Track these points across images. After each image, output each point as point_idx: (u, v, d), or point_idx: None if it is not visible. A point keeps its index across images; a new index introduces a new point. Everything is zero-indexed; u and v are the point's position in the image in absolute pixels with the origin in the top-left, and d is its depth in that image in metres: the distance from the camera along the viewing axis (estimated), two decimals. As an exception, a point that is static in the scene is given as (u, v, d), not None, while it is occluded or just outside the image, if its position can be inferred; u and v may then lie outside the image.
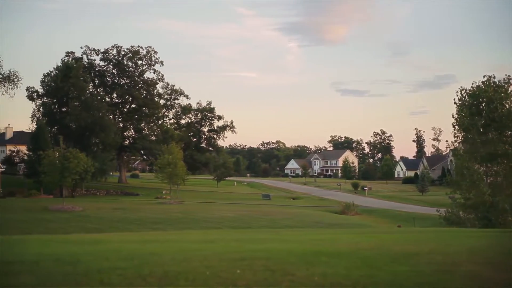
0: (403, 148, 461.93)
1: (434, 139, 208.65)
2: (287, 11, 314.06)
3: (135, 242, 14.73)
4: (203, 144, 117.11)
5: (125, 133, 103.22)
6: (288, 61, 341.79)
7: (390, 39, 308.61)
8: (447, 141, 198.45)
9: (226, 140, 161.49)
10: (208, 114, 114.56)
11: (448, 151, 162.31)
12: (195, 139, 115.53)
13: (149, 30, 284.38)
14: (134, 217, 45.16)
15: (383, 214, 62.82)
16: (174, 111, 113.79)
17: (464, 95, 36.95)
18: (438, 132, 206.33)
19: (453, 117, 37.35)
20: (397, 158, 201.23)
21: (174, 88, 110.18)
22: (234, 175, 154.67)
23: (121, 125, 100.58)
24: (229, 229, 38.10)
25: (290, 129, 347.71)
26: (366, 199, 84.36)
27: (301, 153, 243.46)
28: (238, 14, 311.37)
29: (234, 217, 48.07)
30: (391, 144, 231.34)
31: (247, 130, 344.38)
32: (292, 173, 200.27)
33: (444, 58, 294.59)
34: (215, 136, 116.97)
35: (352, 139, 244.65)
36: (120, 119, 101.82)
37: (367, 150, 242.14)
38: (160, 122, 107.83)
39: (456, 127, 37.37)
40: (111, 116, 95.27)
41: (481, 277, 7.49)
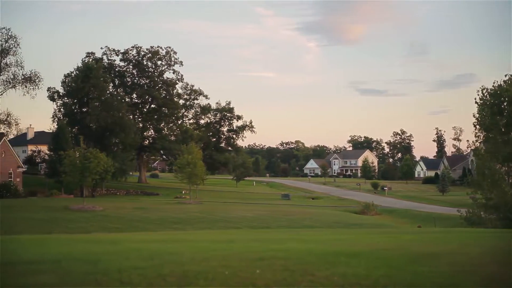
0: (423, 148, 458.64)
1: (455, 139, 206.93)
2: (306, 11, 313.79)
3: (155, 242, 14.79)
4: (222, 144, 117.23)
5: (145, 133, 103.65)
6: (307, 61, 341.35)
7: (409, 38, 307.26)
8: (468, 141, 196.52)
9: (245, 140, 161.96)
10: (227, 114, 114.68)
11: (469, 151, 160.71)
12: (214, 139, 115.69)
13: (169, 31, 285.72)
14: (154, 217, 45.35)
15: (403, 214, 62.49)
16: (194, 111, 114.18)
17: (485, 94, 36.71)
18: (459, 132, 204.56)
19: (474, 117, 37.14)
20: (417, 158, 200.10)
21: (194, 88, 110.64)
22: (253, 175, 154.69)
23: (141, 125, 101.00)
24: (248, 229, 38.14)
25: (309, 129, 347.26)
26: (386, 199, 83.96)
27: (321, 153, 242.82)
28: (257, 14, 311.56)
29: (253, 217, 48.09)
30: (411, 144, 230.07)
31: (266, 130, 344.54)
32: (312, 173, 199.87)
33: (464, 57, 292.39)
34: (234, 136, 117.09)
35: (372, 139, 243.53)
36: (140, 119, 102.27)
37: (387, 150, 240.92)
38: (180, 122, 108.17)
39: (477, 127, 37.14)
40: (131, 116, 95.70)
41: (503, 278, 7.42)
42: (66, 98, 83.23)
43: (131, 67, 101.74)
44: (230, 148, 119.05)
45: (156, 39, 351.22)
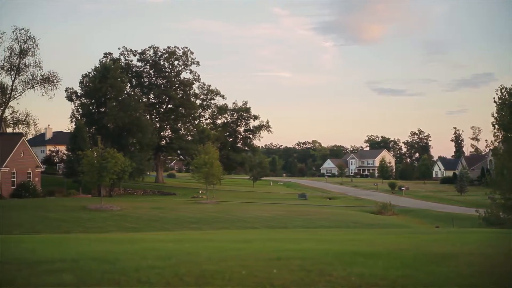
0: (441, 148, 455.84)
1: (473, 139, 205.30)
2: (322, 10, 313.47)
3: (172, 242, 14.85)
4: (239, 144, 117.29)
5: (162, 133, 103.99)
6: (324, 61, 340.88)
7: (427, 38, 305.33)
8: (487, 141, 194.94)
9: (262, 140, 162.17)
10: (244, 114, 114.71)
11: (488, 151, 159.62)
12: (231, 139, 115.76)
13: (185, 31, 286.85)
14: (171, 217, 45.47)
15: (421, 215, 62.13)
16: (210, 111, 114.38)
17: (504, 94, 36.36)
18: (477, 132, 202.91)
19: (493, 116, 36.77)
20: (435, 158, 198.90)
21: (210, 88, 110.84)
22: (270, 175, 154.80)
23: (158, 125, 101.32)
24: (265, 229, 38.13)
25: (326, 129, 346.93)
26: (403, 199, 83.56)
27: (337, 153, 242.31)
28: (273, 14, 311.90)
29: (270, 217, 48.05)
30: (429, 144, 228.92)
31: (283, 130, 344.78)
32: (328, 173, 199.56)
33: (482, 56, 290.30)
34: (251, 136, 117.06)
35: (389, 139, 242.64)
36: (157, 119, 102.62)
37: (404, 150, 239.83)
38: (197, 122, 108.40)
39: (496, 126, 36.77)
40: (148, 116, 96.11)
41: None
42: (84, 99, 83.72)
43: (148, 67, 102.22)
44: (247, 148, 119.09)
45: (173, 39, 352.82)
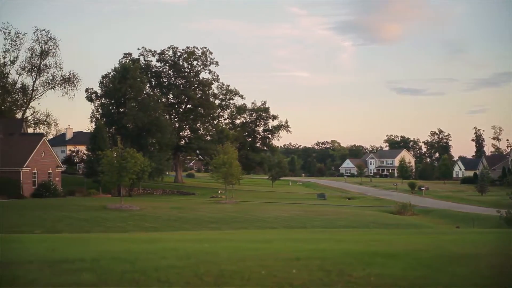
0: (462, 148, 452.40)
1: (494, 138, 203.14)
2: (340, 10, 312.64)
3: (192, 241, 14.90)
4: (258, 144, 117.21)
5: (181, 133, 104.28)
6: (342, 60, 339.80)
7: (447, 37, 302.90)
8: (508, 140, 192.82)
9: (281, 140, 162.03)
10: (263, 114, 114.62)
11: (509, 150, 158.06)
12: (250, 139, 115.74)
13: (204, 31, 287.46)
14: (190, 217, 45.56)
15: (441, 215, 61.65)
16: (229, 111, 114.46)
17: (526, 93, 35.99)
18: (498, 131, 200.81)
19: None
20: (456, 158, 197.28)
21: (229, 88, 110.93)
22: (289, 175, 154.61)
23: (177, 125, 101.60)
24: (284, 229, 38.09)
25: (345, 129, 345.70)
26: (423, 199, 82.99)
27: (357, 153, 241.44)
28: (292, 14, 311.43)
29: (289, 217, 47.99)
30: (449, 144, 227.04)
31: (302, 130, 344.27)
32: (348, 173, 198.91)
33: (503, 55, 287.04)
34: (270, 136, 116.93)
35: (409, 139, 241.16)
36: (176, 119, 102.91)
37: (424, 150, 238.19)
38: (215, 122, 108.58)
39: (517, 126, 36.42)
40: (167, 117, 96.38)
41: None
42: (104, 99, 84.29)
43: (168, 68, 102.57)
44: (266, 148, 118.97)
45: (192, 40, 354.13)
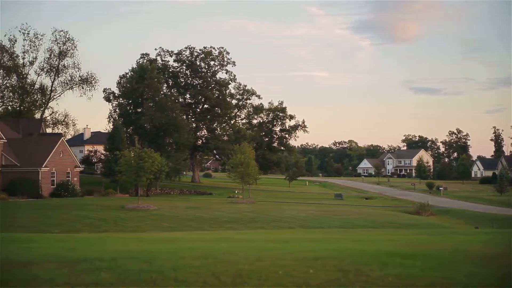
0: (480, 147, 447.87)
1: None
2: (358, 10, 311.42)
3: (209, 241, 14.94)
4: (275, 144, 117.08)
5: (198, 133, 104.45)
6: (360, 60, 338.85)
7: (464, 36, 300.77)
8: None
9: (298, 140, 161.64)
10: (280, 114, 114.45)
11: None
12: (267, 139, 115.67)
13: (222, 31, 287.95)
14: (207, 216, 45.65)
15: (459, 215, 61.23)
16: (246, 111, 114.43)
17: (545, 92, 35.66)
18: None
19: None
20: (474, 158, 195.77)
21: (246, 88, 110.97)
22: (306, 175, 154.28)
23: (194, 125, 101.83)
24: (301, 229, 38.05)
25: (363, 128, 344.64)
26: (441, 199, 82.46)
27: (374, 153, 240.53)
28: (309, 14, 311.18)
29: (306, 217, 47.92)
30: (468, 143, 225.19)
31: (319, 130, 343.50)
32: (365, 173, 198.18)
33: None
34: (287, 136, 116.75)
35: (427, 138, 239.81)
36: (193, 119, 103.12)
37: (442, 150, 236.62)
38: (232, 122, 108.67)
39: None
40: (184, 117, 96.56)
41: None
42: (121, 99, 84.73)
43: (185, 68, 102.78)
44: (283, 148, 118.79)
45: (209, 40, 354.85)
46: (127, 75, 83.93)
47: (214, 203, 61.61)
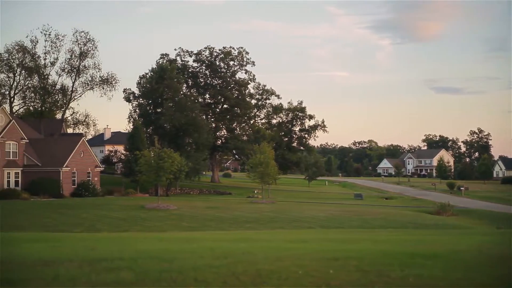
0: (502, 147, 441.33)
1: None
2: (378, 9, 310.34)
3: (228, 241, 14.95)
4: (295, 144, 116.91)
5: (218, 133, 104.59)
6: (380, 59, 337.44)
7: (486, 35, 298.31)
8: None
9: (318, 140, 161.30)
10: (299, 114, 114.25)
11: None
12: (286, 139, 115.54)
13: (241, 31, 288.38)
14: (227, 216, 45.68)
15: (481, 215, 60.62)
16: (266, 111, 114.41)
17: None
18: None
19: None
20: (496, 158, 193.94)
21: (266, 88, 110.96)
22: (326, 175, 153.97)
23: (214, 125, 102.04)
24: (321, 229, 37.93)
25: (383, 128, 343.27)
26: (462, 200, 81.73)
27: (394, 153, 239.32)
28: (329, 13, 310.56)
29: (326, 217, 47.76)
30: (489, 143, 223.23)
31: (339, 130, 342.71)
32: (385, 173, 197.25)
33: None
34: (307, 136, 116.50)
35: (447, 138, 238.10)
36: (213, 119, 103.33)
37: (463, 149, 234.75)
38: (252, 122, 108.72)
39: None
40: (204, 117, 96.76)
41: None
42: (141, 99, 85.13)
43: (204, 68, 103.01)
44: (302, 148, 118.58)
45: (228, 40, 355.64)
46: (147, 76, 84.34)
47: (234, 203, 61.65)
